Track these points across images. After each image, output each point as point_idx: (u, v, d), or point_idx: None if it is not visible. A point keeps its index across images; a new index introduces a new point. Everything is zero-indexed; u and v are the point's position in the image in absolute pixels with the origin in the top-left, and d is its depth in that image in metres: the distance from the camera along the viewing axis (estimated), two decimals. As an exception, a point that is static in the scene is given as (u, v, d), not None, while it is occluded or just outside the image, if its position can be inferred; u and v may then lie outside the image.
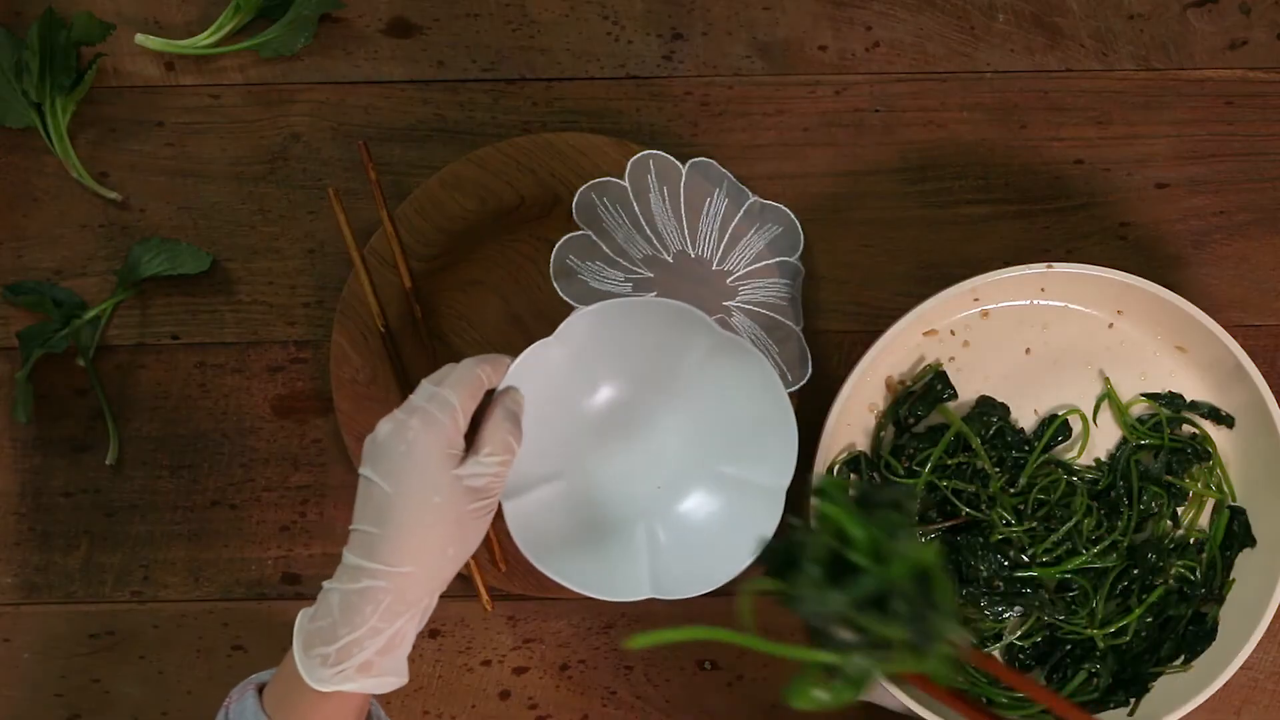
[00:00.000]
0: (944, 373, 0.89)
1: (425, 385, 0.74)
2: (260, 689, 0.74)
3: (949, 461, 0.87)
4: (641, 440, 0.84)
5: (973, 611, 0.87)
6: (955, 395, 0.89)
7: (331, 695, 0.71)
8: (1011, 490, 0.88)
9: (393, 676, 0.72)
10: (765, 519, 0.81)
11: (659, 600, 0.89)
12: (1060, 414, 0.89)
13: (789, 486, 0.81)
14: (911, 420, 0.89)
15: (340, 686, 0.70)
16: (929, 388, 0.89)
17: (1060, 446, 0.90)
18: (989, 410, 0.89)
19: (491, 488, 0.73)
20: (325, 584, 0.72)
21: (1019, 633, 0.87)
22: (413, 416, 0.72)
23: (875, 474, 0.89)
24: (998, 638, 0.88)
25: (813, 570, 0.64)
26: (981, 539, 0.86)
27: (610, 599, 0.81)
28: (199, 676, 0.91)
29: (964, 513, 0.87)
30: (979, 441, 0.87)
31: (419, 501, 0.71)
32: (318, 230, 0.93)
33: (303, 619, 0.72)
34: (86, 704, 0.91)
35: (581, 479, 0.84)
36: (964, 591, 0.87)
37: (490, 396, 0.76)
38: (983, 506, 0.87)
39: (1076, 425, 0.90)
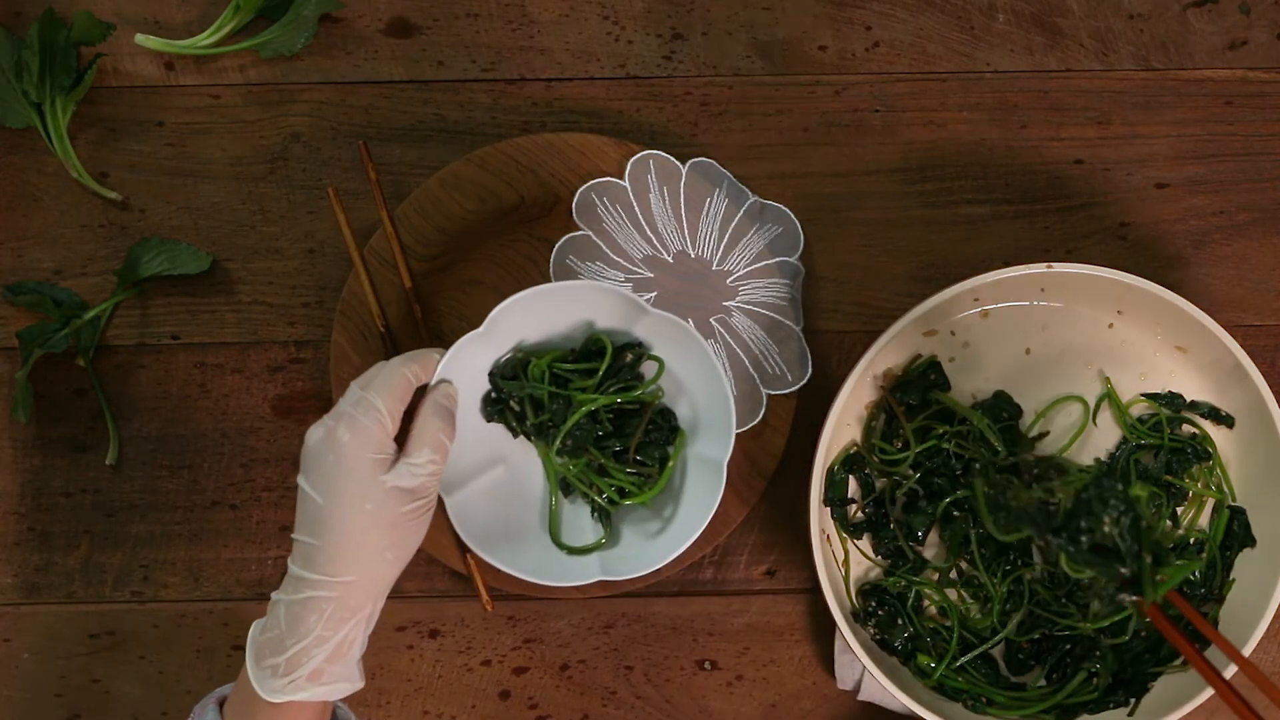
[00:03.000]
0: (938, 362, 0.89)
1: (353, 388, 0.73)
2: (221, 703, 0.74)
3: (941, 429, 0.87)
4: None
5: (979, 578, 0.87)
6: (948, 386, 0.89)
7: (286, 705, 0.71)
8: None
9: (344, 683, 0.72)
10: (708, 492, 0.81)
11: (660, 600, 0.90)
12: (1059, 398, 0.89)
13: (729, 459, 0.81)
14: (903, 408, 0.89)
15: (292, 696, 0.70)
16: (922, 375, 0.89)
17: (1059, 447, 0.90)
18: (1003, 405, 0.88)
19: (426, 487, 0.73)
20: (273, 595, 0.72)
21: (1013, 624, 0.87)
22: (339, 423, 0.71)
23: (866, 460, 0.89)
24: (995, 632, 0.88)
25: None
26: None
27: (561, 584, 0.81)
28: (199, 676, 0.91)
29: (957, 469, 0.87)
30: (979, 415, 0.87)
31: (351, 511, 0.71)
32: (318, 230, 0.93)
33: (254, 631, 0.72)
34: (86, 704, 0.91)
35: (523, 462, 0.84)
36: (962, 565, 0.87)
37: (424, 393, 0.76)
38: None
39: (1074, 415, 0.90)
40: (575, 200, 0.90)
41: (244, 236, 0.92)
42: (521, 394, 0.81)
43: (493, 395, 0.82)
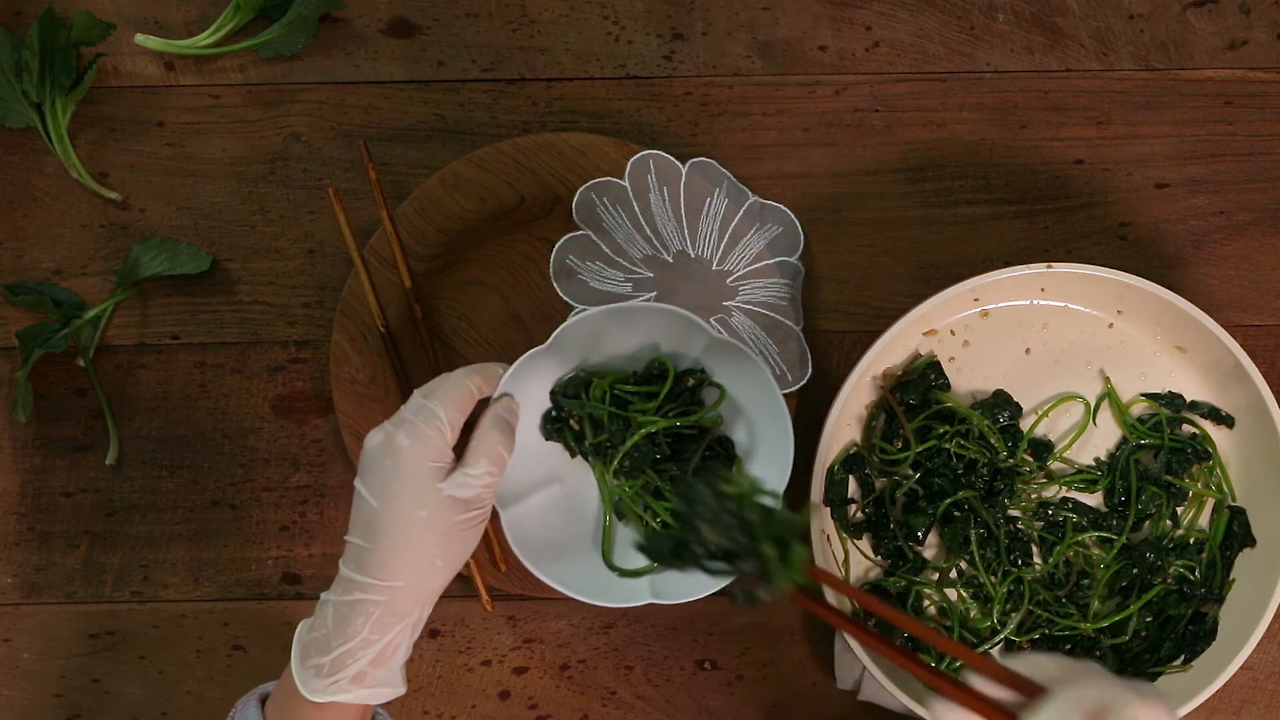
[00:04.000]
0: (937, 362, 0.89)
1: (415, 396, 0.74)
2: (264, 700, 0.74)
3: (942, 429, 0.87)
4: None
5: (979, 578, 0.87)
6: (948, 385, 0.89)
7: (328, 706, 0.71)
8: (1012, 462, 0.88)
9: (387, 687, 0.72)
10: None
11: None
12: (1059, 398, 0.89)
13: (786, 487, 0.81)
14: (903, 408, 0.89)
15: (334, 697, 0.70)
16: (922, 375, 0.89)
17: (1060, 447, 0.90)
18: (1003, 404, 0.88)
19: (481, 499, 0.73)
20: (322, 595, 0.72)
21: (1013, 624, 0.87)
22: (400, 429, 0.72)
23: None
24: (995, 632, 0.88)
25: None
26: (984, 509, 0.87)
27: (611, 605, 0.81)
28: (199, 677, 0.91)
29: (959, 470, 0.87)
30: (979, 416, 0.87)
31: (405, 516, 0.71)
32: (318, 230, 0.93)
33: (301, 630, 0.72)
34: (86, 704, 0.91)
35: (578, 482, 0.84)
36: (962, 565, 0.88)
37: (485, 406, 0.76)
38: (983, 470, 0.87)
39: (1074, 415, 0.90)
40: (575, 200, 0.90)
41: (244, 236, 0.93)
42: (582, 413, 0.81)
43: (553, 413, 0.82)
